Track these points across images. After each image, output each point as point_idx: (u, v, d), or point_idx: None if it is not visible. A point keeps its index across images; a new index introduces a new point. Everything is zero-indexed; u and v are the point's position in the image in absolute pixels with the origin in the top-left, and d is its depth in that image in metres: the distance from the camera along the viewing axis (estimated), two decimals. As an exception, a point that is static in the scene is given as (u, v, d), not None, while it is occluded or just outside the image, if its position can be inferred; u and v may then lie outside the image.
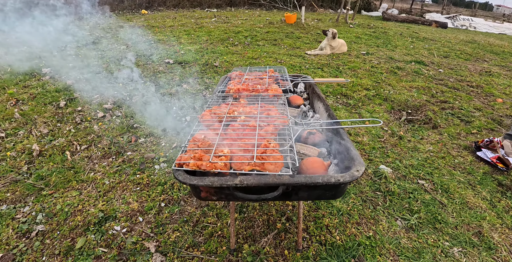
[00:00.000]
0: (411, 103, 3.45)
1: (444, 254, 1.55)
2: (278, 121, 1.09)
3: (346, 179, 0.83)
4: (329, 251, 1.48)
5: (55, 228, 1.63)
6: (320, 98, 1.40)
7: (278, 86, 1.41)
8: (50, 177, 2.09)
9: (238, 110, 1.17)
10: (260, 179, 0.84)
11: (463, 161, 2.42)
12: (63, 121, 2.96)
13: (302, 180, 0.83)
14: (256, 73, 1.67)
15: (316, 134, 1.16)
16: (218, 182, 0.82)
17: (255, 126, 1.05)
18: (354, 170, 0.86)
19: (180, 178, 0.84)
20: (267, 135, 1.02)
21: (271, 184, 0.83)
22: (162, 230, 1.59)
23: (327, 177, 0.84)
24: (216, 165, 0.87)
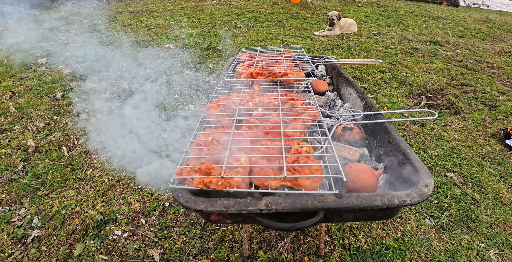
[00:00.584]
0: (431, 86, 3.19)
1: (479, 257, 1.40)
2: (306, 114, 0.86)
3: (414, 200, 0.61)
4: (354, 256, 1.33)
5: (51, 233, 1.50)
6: (350, 83, 1.16)
7: (299, 69, 1.16)
8: (46, 176, 1.95)
9: (253, 100, 0.92)
10: (295, 202, 0.61)
11: (492, 150, 2.21)
12: (59, 113, 2.80)
13: (354, 203, 0.61)
14: (269, 54, 1.42)
15: (354, 130, 0.93)
16: (236, 207, 0.61)
17: (278, 122, 0.81)
18: (422, 185, 0.64)
19: (181, 201, 0.64)
20: (296, 135, 0.78)
21: (311, 209, 0.61)
22: (167, 234, 1.44)
23: (389, 198, 0.61)
24: (230, 182, 0.63)
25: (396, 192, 0.63)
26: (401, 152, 0.77)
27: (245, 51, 1.60)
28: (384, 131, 0.88)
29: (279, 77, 1.04)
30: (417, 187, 0.65)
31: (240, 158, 0.67)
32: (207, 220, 0.71)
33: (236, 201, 0.62)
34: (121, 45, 4.89)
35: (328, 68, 1.42)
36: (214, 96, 1.02)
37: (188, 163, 0.71)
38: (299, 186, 0.65)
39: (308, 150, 0.70)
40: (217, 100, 0.95)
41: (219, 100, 0.95)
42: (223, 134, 0.76)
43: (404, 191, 0.63)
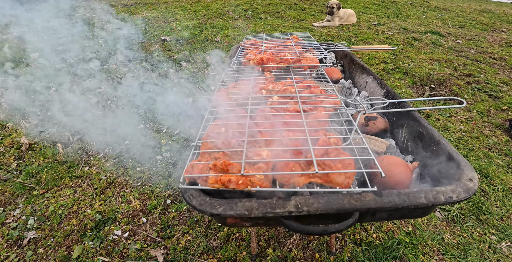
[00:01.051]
0: (434, 77, 3.13)
1: (492, 250, 1.36)
2: (327, 103, 0.78)
3: (461, 196, 0.55)
4: (366, 252, 1.28)
5: (48, 234, 1.43)
6: (366, 70, 1.08)
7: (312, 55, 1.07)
8: (41, 174, 1.86)
9: (267, 87, 0.84)
10: (329, 202, 0.53)
11: (498, 141, 2.18)
12: (53, 109, 2.69)
13: (397, 202, 0.53)
14: (275, 40, 1.33)
15: (378, 120, 0.86)
16: (260, 210, 0.52)
17: (298, 111, 0.73)
18: (466, 179, 0.58)
19: (194, 204, 0.55)
20: (320, 125, 0.70)
21: (349, 210, 0.52)
22: (169, 233, 1.38)
23: (433, 194, 0.54)
24: (252, 180, 0.55)
25: (441, 188, 0.56)
26: (435, 143, 0.70)
27: (250, 37, 1.50)
28: (413, 120, 0.81)
29: (292, 63, 0.96)
30: (461, 182, 0.58)
31: (261, 152, 0.58)
32: (222, 224, 0.63)
33: (260, 203, 0.53)
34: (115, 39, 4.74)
35: (339, 56, 1.34)
36: (222, 84, 0.94)
37: (199, 158, 0.62)
38: (331, 183, 0.56)
39: (335, 141, 0.62)
40: (226, 89, 0.87)
41: (228, 88, 0.87)
42: (237, 125, 0.67)
43: (449, 187, 0.57)
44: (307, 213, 0.52)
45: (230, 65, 1.05)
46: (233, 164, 0.56)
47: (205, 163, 0.59)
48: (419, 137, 0.76)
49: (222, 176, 0.54)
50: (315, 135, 0.64)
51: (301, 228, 0.53)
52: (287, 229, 0.56)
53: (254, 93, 0.81)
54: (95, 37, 5.02)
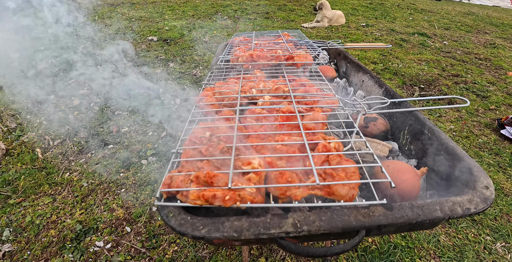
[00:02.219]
0: (423, 77, 3.16)
1: (487, 250, 1.35)
2: (324, 102, 0.70)
3: (479, 207, 0.49)
4: (362, 257, 1.24)
5: (24, 247, 1.32)
6: (362, 68, 1.03)
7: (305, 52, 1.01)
8: (19, 181, 1.74)
9: (257, 86, 0.77)
10: (333, 219, 0.45)
11: (487, 140, 2.19)
12: (33, 112, 2.55)
13: (410, 216, 0.46)
14: (266, 38, 1.27)
15: (379, 121, 0.81)
16: (252, 231, 0.44)
17: (293, 111, 0.65)
18: (481, 187, 0.52)
19: (173, 225, 0.46)
20: (317, 127, 0.62)
21: (354, 228, 0.45)
22: (155, 244, 1.30)
23: (449, 206, 0.48)
24: (242, 195, 0.46)
25: (457, 198, 0.51)
26: (443, 146, 0.64)
27: (239, 35, 1.43)
28: (416, 121, 0.76)
29: (284, 60, 0.90)
30: (477, 190, 0.52)
31: (252, 160, 0.50)
32: (209, 243, 0.55)
33: (251, 222, 0.45)
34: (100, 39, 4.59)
35: (332, 54, 1.30)
36: (207, 83, 0.86)
37: (180, 169, 0.53)
38: (333, 196, 0.48)
39: (336, 146, 0.55)
40: (212, 87, 0.79)
41: (215, 87, 0.79)
42: (225, 129, 0.59)
43: (465, 196, 0.51)
44: (307, 233, 0.45)
45: (217, 63, 0.97)
46: (218, 175, 0.48)
47: (186, 174, 0.50)
48: (424, 139, 0.71)
49: (206, 190, 0.46)
50: (313, 139, 0.57)
51: (301, 250, 0.46)
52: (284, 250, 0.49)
53: (243, 92, 0.74)
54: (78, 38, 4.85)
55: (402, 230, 0.57)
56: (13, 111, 2.65)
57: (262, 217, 0.47)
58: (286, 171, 0.48)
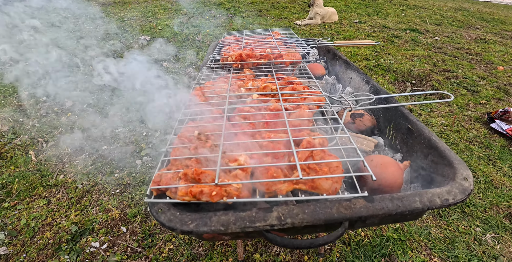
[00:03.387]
0: (415, 73, 3.20)
1: (477, 241, 1.38)
2: (310, 100, 0.72)
3: (457, 198, 0.52)
4: (355, 251, 1.27)
5: (20, 250, 1.32)
6: (350, 65, 1.05)
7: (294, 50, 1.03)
8: (12, 185, 1.73)
9: (246, 85, 0.79)
10: (316, 212, 0.47)
11: (478, 134, 2.24)
12: (26, 114, 2.53)
13: (390, 207, 0.49)
14: (256, 36, 1.28)
15: (365, 116, 0.83)
16: (238, 225, 0.46)
17: (280, 109, 0.66)
18: (461, 179, 0.55)
19: (162, 220, 0.47)
20: (303, 124, 0.65)
21: (338, 220, 0.47)
22: (151, 243, 1.31)
23: (429, 197, 0.50)
24: (228, 190, 0.48)
25: (436, 190, 0.53)
26: (426, 140, 0.67)
27: (230, 34, 1.44)
28: (400, 116, 0.78)
29: (273, 59, 0.91)
30: (456, 182, 0.55)
31: (238, 157, 0.52)
32: (199, 239, 0.56)
33: (237, 216, 0.47)
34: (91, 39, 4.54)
35: (322, 52, 1.31)
36: (197, 82, 0.87)
37: (169, 167, 0.55)
38: (317, 189, 0.51)
39: (321, 142, 0.57)
40: (202, 87, 0.81)
41: (204, 86, 0.80)
42: (213, 127, 0.61)
43: (444, 188, 0.54)
44: (291, 226, 0.47)
45: (207, 62, 0.98)
46: (205, 172, 0.49)
47: (174, 171, 0.52)
48: (408, 134, 0.73)
49: (193, 187, 0.48)
50: (298, 135, 0.59)
51: (286, 242, 0.48)
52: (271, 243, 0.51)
53: (232, 91, 0.75)
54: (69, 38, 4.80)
55: (386, 222, 0.59)
56: (5, 114, 2.61)
57: (248, 211, 0.48)
58: (271, 166, 0.50)
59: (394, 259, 1.25)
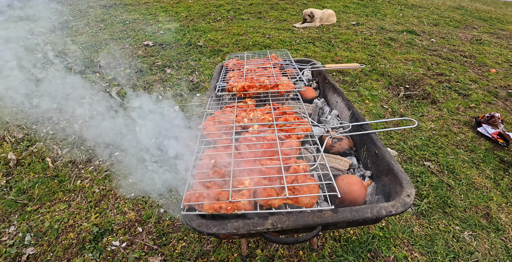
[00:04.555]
0: (408, 77, 3.33)
1: (455, 239, 1.54)
2: (299, 129, 0.89)
3: (399, 210, 0.68)
4: (345, 247, 1.43)
5: (47, 249, 1.49)
6: (337, 90, 1.21)
7: (288, 78, 1.20)
8: (33, 190, 1.89)
9: (248, 116, 0.95)
10: (298, 220, 0.66)
11: (465, 138, 2.38)
12: (38, 122, 2.68)
13: (348, 217, 0.67)
14: (256, 60, 1.43)
15: (343, 141, 0.99)
16: (245, 229, 0.65)
17: (275, 139, 0.83)
18: (404, 196, 0.71)
19: (194, 226, 0.66)
20: (292, 153, 0.81)
21: (312, 225, 0.66)
22: (165, 241, 1.48)
23: (377, 209, 0.68)
24: (238, 205, 0.67)
25: (383, 204, 0.70)
26: (386, 163, 0.84)
27: (232, 57, 1.59)
28: (371, 141, 0.95)
29: (270, 89, 1.07)
30: (400, 198, 0.72)
31: (244, 181, 0.71)
32: (216, 238, 0.75)
33: (245, 223, 0.66)
34: (96, 44, 4.67)
35: (314, 73, 1.46)
36: (208, 112, 1.03)
37: (194, 187, 0.73)
38: (299, 203, 0.70)
39: (304, 167, 0.75)
40: (213, 117, 0.97)
41: (214, 116, 0.97)
42: (224, 155, 0.79)
43: (390, 203, 0.71)
44: (281, 229, 0.65)
45: (215, 91, 1.14)
46: (222, 193, 0.69)
47: (200, 192, 0.70)
48: (375, 156, 0.90)
49: (215, 203, 0.67)
50: (288, 162, 0.77)
51: (278, 239, 0.68)
52: (268, 240, 0.68)
53: (237, 121, 0.92)
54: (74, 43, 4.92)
55: (351, 225, 0.76)
56: (18, 122, 2.76)
57: (251, 219, 0.67)
58: (267, 188, 0.67)
59: (379, 254, 1.42)
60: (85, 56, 4.16)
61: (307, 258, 1.39)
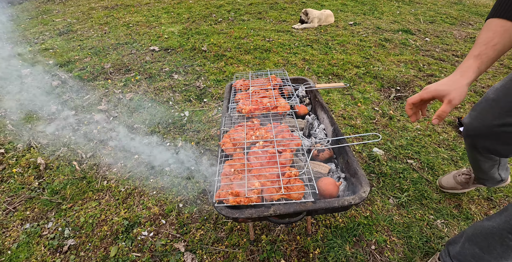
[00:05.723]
0: (400, 79, 3.56)
1: (429, 226, 1.82)
2: (293, 144, 1.21)
3: (356, 201, 1.00)
4: (334, 232, 1.72)
5: (85, 240, 1.79)
6: (324, 109, 1.49)
7: (285, 99, 1.50)
8: (65, 190, 2.17)
9: (255, 134, 1.27)
10: (289, 207, 1.00)
11: (447, 137, 2.63)
12: (59, 128, 2.94)
13: (322, 205, 1.00)
14: (259, 80, 1.72)
15: (325, 151, 1.31)
16: (256, 214, 0.99)
17: (274, 153, 1.17)
18: (362, 192, 1.02)
19: (224, 213, 1.01)
20: (287, 163, 1.15)
21: (298, 211, 1.01)
22: (186, 230, 1.78)
23: (342, 201, 1.01)
24: (251, 199, 1.02)
25: (347, 197, 1.03)
26: (353, 169, 1.15)
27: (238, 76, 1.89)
28: (344, 152, 1.26)
29: (271, 110, 1.38)
30: (359, 193, 1.04)
31: (255, 183, 1.06)
32: (236, 221, 1.12)
33: (256, 210, 1.00)
34: (104, 49, 4.89)
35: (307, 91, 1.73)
36: (224, 131, 1.35)
37: (222, 188, 1.10)
38: (291, 197, 1.05)
39: (295, 173, 1.10)
40: (228, 135, 1.28)
41: (229, 134, 1.29)
42: (239, 165, 1.15)
43: (351, 196, 1.03)
44: (279, 214, 1.00)
45: (227, 111, 1.46)
46: (240, 191, 1.04)
47: (226, 191, 1.07)
48: (347, 163, 1.19)
49: (236, 198, 1.03)
50: (283, 169, 1.11)
51: (277, 221, 1.04)
52: (271, 222, 1.05)
53: (247, 138, 1.27)
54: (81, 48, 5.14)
55: (328, 212, 1.08)
56: (40, 128, 3.01)
57: (260, 208, 1.01)
58: (270, 187, 1.03)
59: (363, 238, 1.71)
60: (95, 62, 4.40)
61: (303, 241, 1.69)
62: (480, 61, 0.87)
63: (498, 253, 1.06)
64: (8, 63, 4.63)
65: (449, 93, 0.88)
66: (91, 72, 4.06)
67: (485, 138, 1.24)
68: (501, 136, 1.16)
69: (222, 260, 1.60)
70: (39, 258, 1.71)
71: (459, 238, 1.30)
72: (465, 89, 0.88)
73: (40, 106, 3.40)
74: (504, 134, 1.14)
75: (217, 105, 3.12)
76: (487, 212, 1.91)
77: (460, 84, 0.88)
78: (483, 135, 1.24)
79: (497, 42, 0.84)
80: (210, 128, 2.75)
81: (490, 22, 0.88)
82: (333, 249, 1.63)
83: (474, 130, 1.27)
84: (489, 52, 0.85)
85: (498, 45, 0.84)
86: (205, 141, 2.58)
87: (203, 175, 2.19)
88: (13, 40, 5.99)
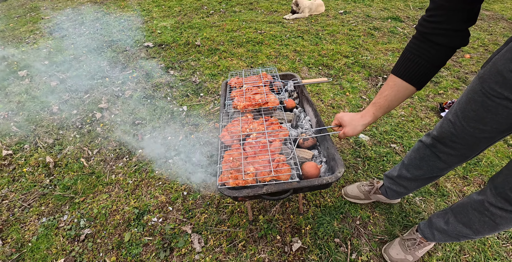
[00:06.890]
0: (387, 67, 3.70)
1: (408, 203, 2.04)
2: (282, 135, 1.40)
3: (332, 180, 1.22)
4: (323, 211, 1.94)
5: (100, 229, 1.98)
6: (309, 102, 1.68)
7: (275, 95, 1.68)
8: (76, 185, 2.33)
9: (249, 127, 1.46)
10: (278, 186, 1.21)
11: (429, 122, 2.82)
12: (63, 127, 3.06)
13: (305, 184, 1.21)
14: (251, 78, 1.89)
15: (309, 140, 1.51)
16: (252, 193, 1.20)
17: (266, 142, 1.37)
18: (337, 172, 1.23)
19: (225, 193, 1.21)
20: (277, 150, 1.35)
21: (286, 189, 1.22)
22: (192, 215, 1.98)
23: (321, 180, 1.22)
24: (248, 181, 1.24)
25: (325, 177, 1.23)
26: (332, 154, 1.36)
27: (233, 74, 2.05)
28: (325, 139, 1.47)
29: (262, 105, 1.56)
30: (335, 174, 1.24)
31: (250, 168, 1.27)
32: (236, 200, 1.32)
33: (251, 190, 1.19)
34: (98, 47, 4.93)
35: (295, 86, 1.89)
36: (223, 125, 1.54)
37: (223, 173, 1.30)
38: (280, 178, 1.26)
39: (283, 158, 1.31)
40: (226, 128, 1.47)
41: (227, 128, 1.48)
42: (236, 154, 1.35)
43: (329, 176, 1.24)
44: (270, 192, 1.20)
45: (224, 108, 1.64)
46: (238, 176, 1.25)
47: (226, 176, 1.27)
48: (327, 149, 1.39)
49: (236, 181, 1.23)
50: (274, 156, 1.32)
51: (269, 198, 1.24)
52: (264, 199, 1.29)
53: (243, 131, 1.46)
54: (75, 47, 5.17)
55: (311, 190, 1.29)
56: (44, 128, 3.12)
57: (255, 188, 1.21)
58: (262, 171, 1.24)
59: (348, 215, 1.92)
60: (91, 60, 4.47)
61: (296, 219, 1.90)
62: (375, 108, 1.13)
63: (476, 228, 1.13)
64: (2, 65, 4.67)
65: (346, 126, 1.23)
66: (88, 71, 4.14)
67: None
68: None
69: (225, 239, 1.81)
70: (59, 247, 1.90)
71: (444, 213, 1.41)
72: (360, 128, 1.19)
73: (41, 107, 3.50)
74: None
75: (213, 99, 3.27)
76: (462, 189, 2.13)
77: (357, 123, 1.18)
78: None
79: (388, 93, 1.07)
80: (208, 121, 2.91)
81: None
82: (323, 225, 1.85)
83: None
84: (382, 101, 1.09)
85: (388, 96, 1.07)
86: (204, 133, 2.75)
87: (204, 165, 2.38)
88: (4, 40, 5.96)
